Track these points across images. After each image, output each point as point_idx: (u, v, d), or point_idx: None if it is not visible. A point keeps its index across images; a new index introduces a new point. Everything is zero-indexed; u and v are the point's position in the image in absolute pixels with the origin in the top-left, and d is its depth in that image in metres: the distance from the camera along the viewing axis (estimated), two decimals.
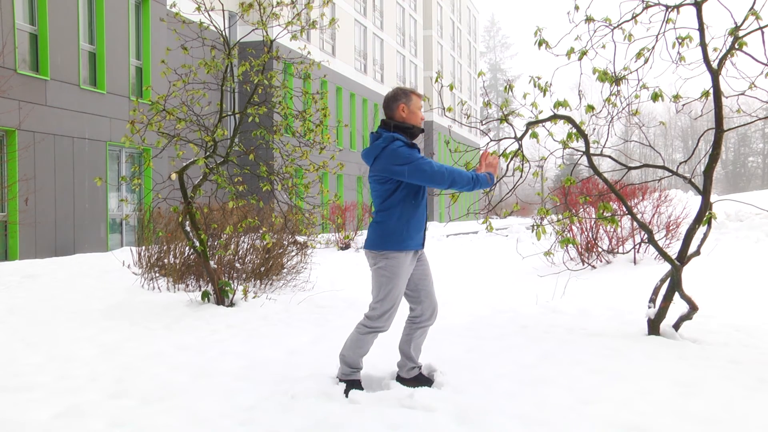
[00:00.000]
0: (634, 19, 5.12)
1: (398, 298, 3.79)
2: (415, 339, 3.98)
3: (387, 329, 3.85)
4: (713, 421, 3.31)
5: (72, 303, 7.14)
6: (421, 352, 4.10)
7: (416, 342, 3.98)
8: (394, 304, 3.79)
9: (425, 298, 3.94)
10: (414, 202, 3.77)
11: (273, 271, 8.31)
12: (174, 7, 7.12)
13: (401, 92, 3.84)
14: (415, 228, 3.78)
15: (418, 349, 4.02)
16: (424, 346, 4.15)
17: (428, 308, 3.95)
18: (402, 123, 3.81)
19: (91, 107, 15.38)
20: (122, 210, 16.45)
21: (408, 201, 3.76)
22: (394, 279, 3.75)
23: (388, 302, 3.76)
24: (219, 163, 6.84)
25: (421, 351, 4.06)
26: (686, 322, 5.21)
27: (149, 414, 3.50)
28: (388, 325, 3.83)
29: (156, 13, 17.32)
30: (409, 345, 3.98)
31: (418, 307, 3.94)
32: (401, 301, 3.85)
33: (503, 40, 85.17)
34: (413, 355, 4.00)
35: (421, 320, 3.96)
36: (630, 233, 10.23)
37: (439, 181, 3.67)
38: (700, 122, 44.18)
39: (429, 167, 3.67)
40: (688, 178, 5.08)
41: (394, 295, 3.76)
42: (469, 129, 46.67)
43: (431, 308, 3.96)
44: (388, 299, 3.76)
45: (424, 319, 3.96)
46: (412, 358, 4.00)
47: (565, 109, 5.04)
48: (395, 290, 3.76)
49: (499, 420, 3.31)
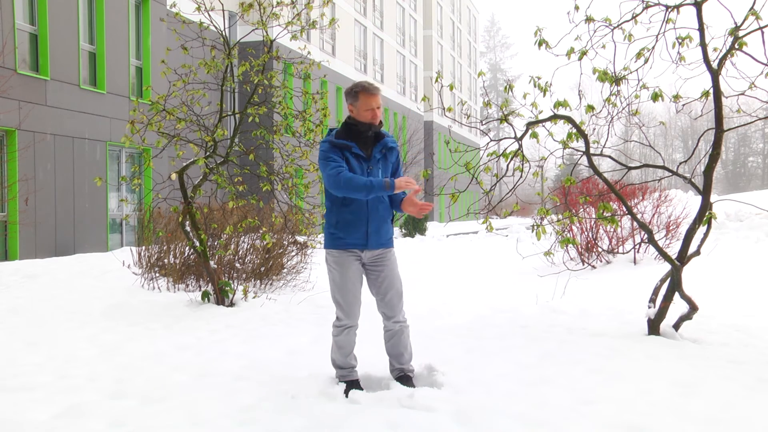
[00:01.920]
0: (634, 19, 5.11)
1: (342, 294, 3.84)
2: (388, 341, 3.99)
3: (352, 323, 3.88)
4: (713, 421, 3.31)
5: (72, 303, 7.14)
6: (409, 354, 4.03)
7: (390, 344, 3.98)
8: (340, 301, 3.86)
9: (378, 301, 3.95)
10: (342, 201, 3.81)
11: (273, 271, 8.31)
12: (174, 7, 7.12)
13: (349, 91, 3.89)
14: (351, 226, 3.80)
15: (395, 352, 3.99)
16: (424, 346, 4.15)
17: (382, 312, 3.95)
18: (348, 120, 3.90)
19: (91, 107, 15.38)
20: (122, 210, 16.45)
21: (336, 200, 3.83)
22: (333, 274, 3.86)
23: (334, 298, 3.89)
24: (219, 163, 6.84)
25: (402, 354, 3.99)
26: (686, 322, 5.21)
27: (149, 414, 3.50)
28: (350, 321, 3.87)
29: (156, 13, 17.32)
30: (388, 347, 4.01)
31: (379, 311, 3.98)
32: (361, 297, 3.91)
33: (503, 40, 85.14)
34: (391, 357, 4.03)
35: (384, 324, 3.98)
36: (630, 233, 10.23)
37: (334, 188, 3.72)
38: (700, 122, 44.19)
39: (329, 175, 3.70)
40: (688, 178, 5.08)
41: (335, 290, 3.86)
42: (469, 129, 46.67)
43: (384, 313, 3.94)
44: (334, 295, 3.88)
45: (384, 322, 3.97)
46: (391, 359, 4.03)
47: (565, 109, 5.04)
48: (334, 286, 3.86)
49: (499, 420, 3.31)
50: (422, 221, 22.57)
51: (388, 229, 3.92)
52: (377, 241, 3.86)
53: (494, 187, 5.37)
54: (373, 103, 3.80)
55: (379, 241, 3.87)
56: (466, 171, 5.12)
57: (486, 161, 5.25)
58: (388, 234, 3.92)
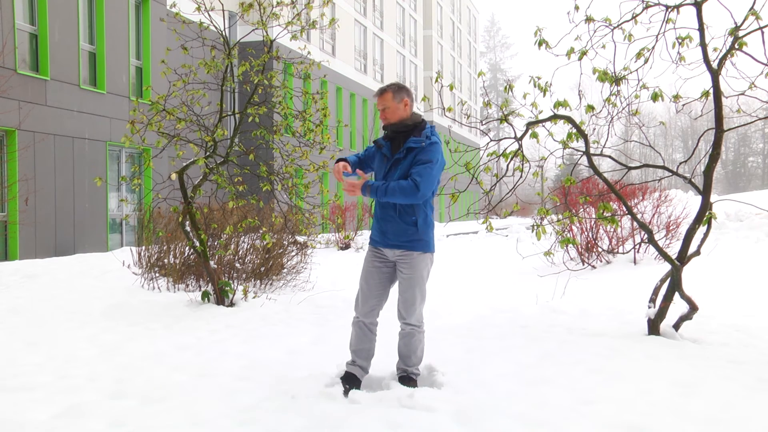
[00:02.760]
0: (634, 19, 5.12)
1: (360, 285, 3.99)
2: (400, 340, 4.01)
3: (359, 316, 3.98)
4: (713, 421, 3.31)
5: (72, 303, 7.14)
6: (417, 359, 4.01)
7: (401, 343, 4.00)
8: (358, 291, 4.00)
9: (398, 300, 3.99)
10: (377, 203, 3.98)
11: (273, 271, 8.30)
12: (174, 7, 7.12)
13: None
14: (374, 225, 4.00)
15: (403, 352, 3.99)
16: (424, 346, 4.13)
17: (398, 310, 3.97)
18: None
19: (91, 107, 15.38)
20: (122, 210, 16.45)
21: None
22: (362, 267, 4.05)
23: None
24: (219, 163, 6.84)
25: (410, 357, 3.98)
26: (686, 322, 5.21)
27: (149, 414, 3.50)
28: (357, 312, 3.98)
29: (156, 13, 17.31)
30: (400, 345, 4.03)
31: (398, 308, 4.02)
32: (378, 295, 3.97)
33: (503, 40, 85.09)
34: (400, 356, 4.03)
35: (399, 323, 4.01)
36: (630, 233, 10.23)
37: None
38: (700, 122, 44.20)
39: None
40: (688, 178, 5.08)
41: (360, 282, 4.01)
42: (469, 129, 46.68)
43: (399, 312, 3.96)
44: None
45: (399, 321, 3.99)
46: (399, 358, 4.04)
47: (565, 109, 5.04)
48: (360, 278, 4.02)
49: (499, 420, 3.31)
50: None
51: (405, 230, 3.84)
52: (392, 240, 3.87)
53: (494, 187, 5.37)
54: (379, 106, 3.88)
55: (394, 242, 3.88)
56: (466, 171, 5.12)
57: (486, 161, 5.26)
58: (406, 236, 3.85)
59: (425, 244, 3.86)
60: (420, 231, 3.83)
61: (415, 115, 3.90)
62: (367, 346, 3.98)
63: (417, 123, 3.88)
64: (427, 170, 3.72)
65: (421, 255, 3.86)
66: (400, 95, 3.84)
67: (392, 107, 3.84)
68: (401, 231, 3.84)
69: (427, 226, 3.87)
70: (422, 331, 3.99)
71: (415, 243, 3.84)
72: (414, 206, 3.83)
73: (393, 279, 3.99)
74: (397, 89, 3.85)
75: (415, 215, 3.83)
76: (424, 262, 3.88)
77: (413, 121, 3.87)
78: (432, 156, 3.75)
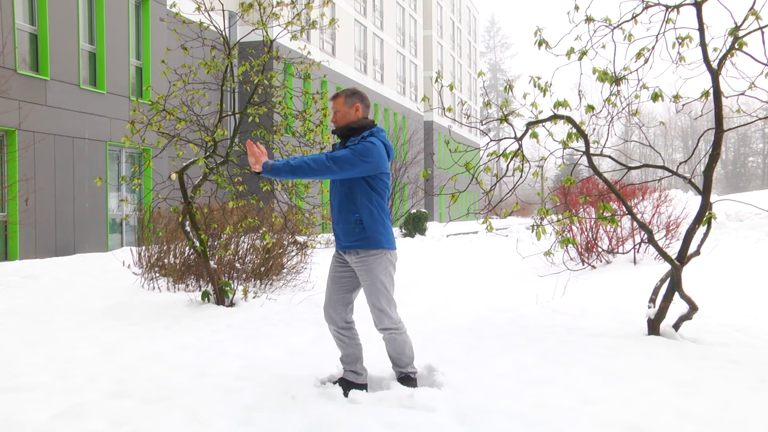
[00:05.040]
0: (634, 19, 5.11)
1: (325, 292, 4.01)
2: (385, 346, 3.98)
3: (326, 320, 3.98)
4: (713, 421, 3.31)
5: (72, 303, 7.14)
6: (408, 357, 3.98)
7: (387, 348, 3.96)
8: (325, 297, 4.01)
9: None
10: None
11: (273, 271, 8.30)
12: (174, 7, 7.12)
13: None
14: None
15: (391, 355, 3.97)
16: (424, 346, 4.15)
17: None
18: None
19: (91, 107, 15.38)
20: (122, 210, 16.45)
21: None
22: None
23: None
24: (219, 163, 6.84)
25: (399, 358, 3.95)
26: (686, 322, 5.21)
27: (149, 414, 3.50)
28: (325, 316, 3.98)
29: (156, 13, 17.31)
30: (387, 350, 4.00)
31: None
32: (337, 300, 3.95)
33: (503, 40, 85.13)
34: (390, 360, 4.01)
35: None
36: (630, 233, 10.23)
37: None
38: (700, 122, 44.19)
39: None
40: (688, 178, 5.08)
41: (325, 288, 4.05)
42: (469, 129, 46.68)
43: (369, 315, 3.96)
44: None
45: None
46: (392, 364, 4.02)
47: (565, 109, 5.04)
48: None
49: (499, 420, 3.31)
50: (422, 221, 22.55)
51: (351, 229, 3.78)
52: (344, 242, 3.84)
53: (494, 187, 5.37)
54: (332, 109, 3.97)
55: (345, 243, 3.83)
56: (466, 171, 5.12)
57: (486, 161, 5.26)
58: (354, 235, 3.77)
59: (375, 241, 3.75)
60: (367, 228, 3.74)
61: (363, 120, 3.89)
62: (349, 351, 3.94)
63: (363, 126, 3.86)
64: (346, 153, 3.69)
65: (374, 255, 3.76)
66: (352, 100, 3.90)
67: (343, 111, 3.89)
68: (348, 231, 3.79)
69: (374, 222, 3.75)
70: (402, 330, 3.90)
71: (363, 241, 3.75)
72: (355, 203, 3.76)
73: (356, 284, 3.93)
74: (350, 94, 3.92)
75: (358, 212, 3.75)
76: (378, 262, 3.76)
77: (359, 125, 3.86)
78: (357, 147, 3.70)
